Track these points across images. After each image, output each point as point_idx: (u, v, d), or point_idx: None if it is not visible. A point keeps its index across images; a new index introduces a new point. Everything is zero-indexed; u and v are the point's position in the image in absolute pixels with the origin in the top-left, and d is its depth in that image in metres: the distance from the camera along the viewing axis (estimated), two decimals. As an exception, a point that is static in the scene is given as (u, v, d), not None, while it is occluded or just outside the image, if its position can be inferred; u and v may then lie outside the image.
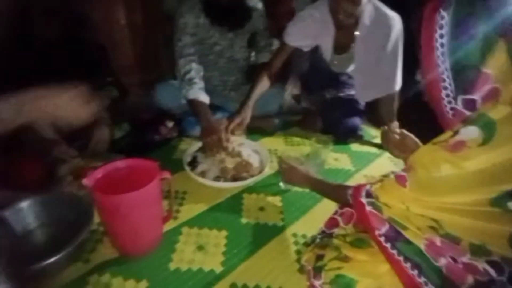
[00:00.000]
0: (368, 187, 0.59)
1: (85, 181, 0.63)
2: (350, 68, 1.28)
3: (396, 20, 1.09)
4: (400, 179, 0.51)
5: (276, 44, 1.54)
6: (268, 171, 1.06)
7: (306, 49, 1.22)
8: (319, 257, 0.63)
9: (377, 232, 0.54)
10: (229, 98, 1.41)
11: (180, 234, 0.82)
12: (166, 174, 0.72)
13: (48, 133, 0.95)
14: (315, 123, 1.41)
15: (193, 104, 1.14)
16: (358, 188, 0.61)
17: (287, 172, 0.91)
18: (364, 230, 0.67)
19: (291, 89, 1.39)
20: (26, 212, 0.73)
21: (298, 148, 1.30)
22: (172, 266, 0.72)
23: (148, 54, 1.56)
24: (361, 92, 1.25)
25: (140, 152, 0.97)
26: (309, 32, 1.17)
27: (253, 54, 1.42)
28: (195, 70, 1.18)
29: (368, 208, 0.56)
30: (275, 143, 1.33)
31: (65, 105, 0.57)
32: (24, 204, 0.73)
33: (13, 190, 0.80)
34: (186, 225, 0.85)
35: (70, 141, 1.01)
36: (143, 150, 1.12)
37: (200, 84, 1.17)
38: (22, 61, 0.97)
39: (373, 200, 0.56)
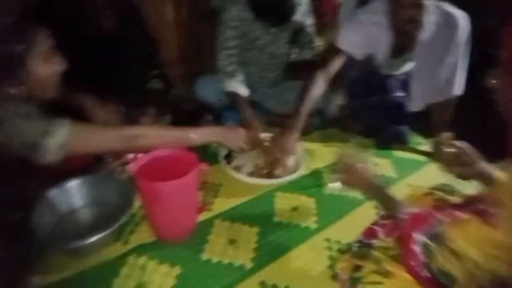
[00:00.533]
0: (435, 221, 0.49)
1: (130, 167, 0.65)
2: (402, 70, 1.20)
3: (462, 19, 0.98)
4: (482, 216, 0.43)
5: (318, 41, 1.50)
6: (303, 171, 1.03)
7: (359, 57, 1.11)
8: (357, 268, 0.60)
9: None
10: (268, 95, 1.40)
11: (213, 226, 0.83)
12: (204, 166, 0.73)
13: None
14: (355, 125, 1.34)
15: (232, 96, 1.14)
16: (416, 219, 0.51)
17: (348, 172, 0.74)
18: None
19: (339, 93, 1.32)
20: (73, 192, 0.79)
21: (336, 150, 1.25)
22: (204, 256, 0.74)
23: (191, 48, 1.60)
24: (416, 96, 1.15)
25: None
26: (366, 39, 1.06)
27: (295, 51, 1.39)
28: (235, 63, 1.18)
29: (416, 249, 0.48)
30: (312, 142, 1.30)
31: None
32: (71, 184, 0.79)
33: (62, 171, 0.87)
34: (219, 218, 0.86)
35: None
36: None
37: (239, 76, 1.18)
38: (79, 53, 1.04)
39: (428, 242, 0.47)
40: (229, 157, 1.07)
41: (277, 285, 0.68)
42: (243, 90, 1.15)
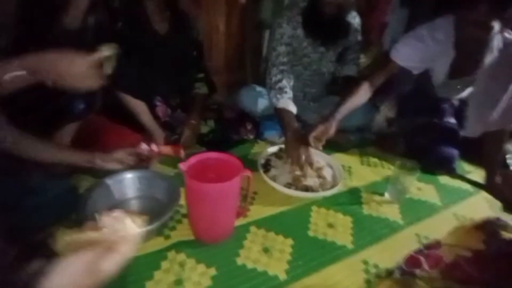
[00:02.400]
0: None
1: (180, 166, 0.69)
2: (457, 95, 1.14)
3: None
4: None
5: (362, 58, 1.48)
6: (341, 188, 1.02)
7: (415, 72, 1.09)
8: (399, 294, 0.58)
9: None
10: (308, 108, 1.41)
11: (248, 232, 0.84)
12: (248, 172, 0.75)
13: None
14: (396, 146, 1.30)
15: (281, 113, 1.14)
16: None
17: None
18: (457, 280, 0.58)
19: (387, 111, 1.29)
20: (127, 183, 0.85)
21: (375, 170, 1.22)
22: (239, 261, 0.75)
23: (237, 59, 1.67)
24: (473, 122, 1.10)
25: (219, 149, 1.04)
26: (426, 54, 1.04)
27: (338, 67, 1.39)
28: (286, 80, 1.20)
29: None
30: (350, 160, 1.27)
31: (77, 69, 0.59)
32: (127, 176, 0.85)
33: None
34: (254, 225, 0.87)
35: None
36: (222, 147, 1.19)
37: (290, 94, 1.19)
38: (134, 51, 1.10)
39: None
40: (267, 166, 1.09)
41: (310, 300, 0.67)
42: (292, 107, 1.16)
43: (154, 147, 0.90)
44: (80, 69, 0.60)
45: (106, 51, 0.65)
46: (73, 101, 0.91)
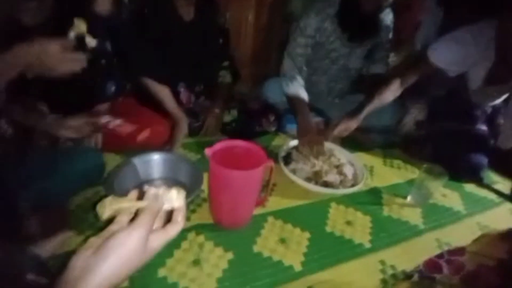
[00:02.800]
0: None
1: (206, 151, 0.71)
2: (493, 103, 1.09)
3: None
4: None
5: (392, 56, 1.44)
6: (362, 187, 1.00)
7: (451, 74, 1.05)
8: (417, 298, 0.57)
9: None
10: (333, 105, 1.39)
11: (266, 221, 0.85)
12: (271, 162, 0.75)
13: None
14: (422, 151, 1.26)
15: (293, 100, 1.15)
16: None
17: None
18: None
19: (417, 114, 1.25)
20: (153, 164, 0.88)
21: (399, 172, 1.19)
22: (256, 248, 0.76)
23: (263, 51, 1.66)
24: (507, 133, 1.05)
25: (241, 138, 1.05)
26: (465, 57, 1.00)
27: (367, 64, 1.36)
28: (299, 69, 1.20)
29: None
30: (372, 160, 1.25)
31: (54, 53, 0.59)
32: (153, 157, 0.88)
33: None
34: (272, 215, 0.88)
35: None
36: (243, 137, 1.20)
37: (301, 81, 1.18)
38: (158, 37, 1.09)
39: None
40: (287, 159, 1.09)
41: (324, 294, 0.68)
42: (304, 94, 1.16)
43: (113, 123, 0.87)
44: (55, 54, 0.59)
45: (80, 26, 0.64)
46: (105, 83, 0.95)
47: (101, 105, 0.94)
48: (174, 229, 0.36)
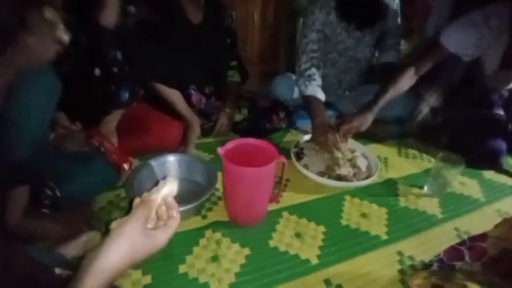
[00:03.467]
0: None
1: (219, 150, 0.73)
2: (509, 85, 1.06)
3: None
4: None
5: (403, 44, 1.40)
6: (376, 179, 1.00)
7: (466, 59, 1.02)
8: (436, 287, 0.56)
9: None
10: (343, 97, 1.38)
11: (281, 217, 0.86)
12: (283, 158, 0.77)
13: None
14: (439, 139, 1.23)
15: (309, 100, 1.14)
16: None
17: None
18: (499, 274, 0.56)
19: (432, 100, 1.23)
20: (169, 166, 0.91)
21: (414, 162, 1.17)
22: (272, 243, 0.78)
23: (271, 49, 1.67)
24: None
25: (252, 136, 1.06)
26: (479, 41, 0.98)
27: (376, 54, 1.34)
28: (316, 67, 1.19)
29: None
30: (387, 151, 1.24)
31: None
32: (169, 159, 0.91)
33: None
34: (287, 211, 0.89)
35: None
36: (255, 135, 1.22)
37: (318, 81, 1.18)
38: (168, 42, 1.11)
39: None
40: (299, 154, 1.09)
41: (342, 286, 0.68)
42: (321, 95, 1.15)
43: (105, 146, 0.88)
44: None
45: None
46: (119, 90, 0.98)
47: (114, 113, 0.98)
48: (173, 223, 0.44)
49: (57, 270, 0.49)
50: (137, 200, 0.43)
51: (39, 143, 0.63)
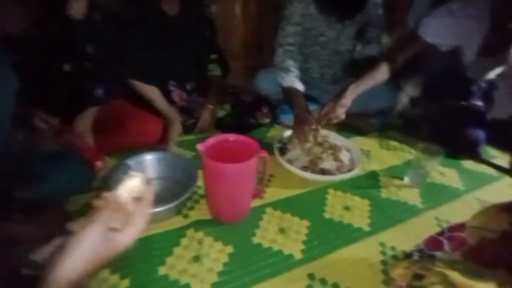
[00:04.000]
0: None
1: (199, 147, 0.71)
2: (487, 76, 1.08)
3: None
4: None
5: (385, 37, 1.41)
6: (358, 171, 1.00)
7: (444, 48, 1.03)
8: (417, 277, 0.57)
9: None
10: (327, 91, 1.37)
11: (264, 213, 0.85)
12: (264, 153, 0.75)
13: None
14: (419, 130, 1.25)
15: (288, 91, 1.14)
16: None
17: None
18: (480, 262, 0.57)
19: (411, 90, 1.24)
20: (147, 165, 0.88)
21: (395, 154, 1.19)
22: (255, 240, 0.77)
23: (254, 42, 1.64)
24: (503, 102, 1.04)
25: (236, 132, 1.04)
26: (457, 30, 0.98)
27: (358, 47, 1.34)
28: (292, 59, 1.18)
29: None
30: (369, 144, 1.25)
31: None
32: (147, 157, 0.88)
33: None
34: (271, 206, 0.88)
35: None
36: (238, 131, 1.20)
37: (295, 72, 1.17)
38: (142, 36, 1.05)
39: None
40: (283, 149, 1.08)
41: (325, 279, 0.68)
42: (298, 85, 1.14)
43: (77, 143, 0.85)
44: None
45: None
46: (93, 87, 0.94)
47: (88, 111, 0.93)
48: (138, 221, 0.41)
49: (25, 271, 0.47)
50: (97, 203, 0.41)
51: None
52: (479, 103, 1.18)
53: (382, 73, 1.07)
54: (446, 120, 1.15)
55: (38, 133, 0.82)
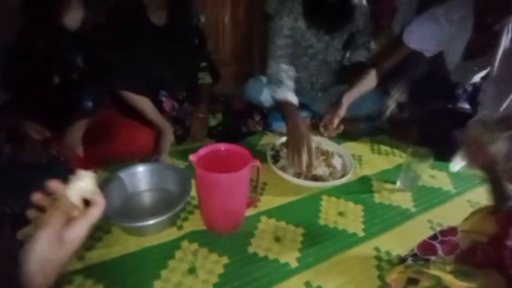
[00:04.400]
0: None
1: (191, 157, 0.70)
2: (472, 79, 1.11)
3: None
4: None
5: (372, 44, 1.44)
6: (351, 177, 1.01)
7: (428, 54, 1.06)
8: (412, 281, 0.57)
9: None
10: (317, 98, 1.39)
11: (259, 221, 0.85)
12: (257, 162, 0.75)
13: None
14: (408, 134, 1.27)
15: (282, 105, 1.14)
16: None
17: (477, 150, 0.68)
18: (473, 265, 0.58)
19: (398, 96, 1.27)
20: (139, 176, 0.87)
21: (387, 158, 1.20)
22: (251, 249, 0.76)
23: (244, 50, 1.66)
24: (488, 104, 1.07)
25: (228, 141, 1.03)
26: (440, 36, 1.01)
27: (347, 54, 1.36)
28: (284, 71, 1.19)
29: None
30: (360, 149, 1.26)
31: None
32: (139, 169, 0.87)
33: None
34: (265, 215, 0.88)
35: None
36: (230, 140, 1.19)
37: (289, 85, 1.17)
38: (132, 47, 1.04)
39: None
40: (276, 157, 1.09)
41: (321, 286, 0.68)
42: (292, 97, 1.14)
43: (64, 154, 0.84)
44: None
45: None
46: (81, 99, 0.93)
47: (78, 123, 0.92)
48: (94, 211, 0.42)
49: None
50: (31, 213, 0.42)
51: None
52: (466, 106, 1.21)
53: (371, 80, 1.10)
54: (433, 124, 1.18)
55: (28, 145, 0.81)
